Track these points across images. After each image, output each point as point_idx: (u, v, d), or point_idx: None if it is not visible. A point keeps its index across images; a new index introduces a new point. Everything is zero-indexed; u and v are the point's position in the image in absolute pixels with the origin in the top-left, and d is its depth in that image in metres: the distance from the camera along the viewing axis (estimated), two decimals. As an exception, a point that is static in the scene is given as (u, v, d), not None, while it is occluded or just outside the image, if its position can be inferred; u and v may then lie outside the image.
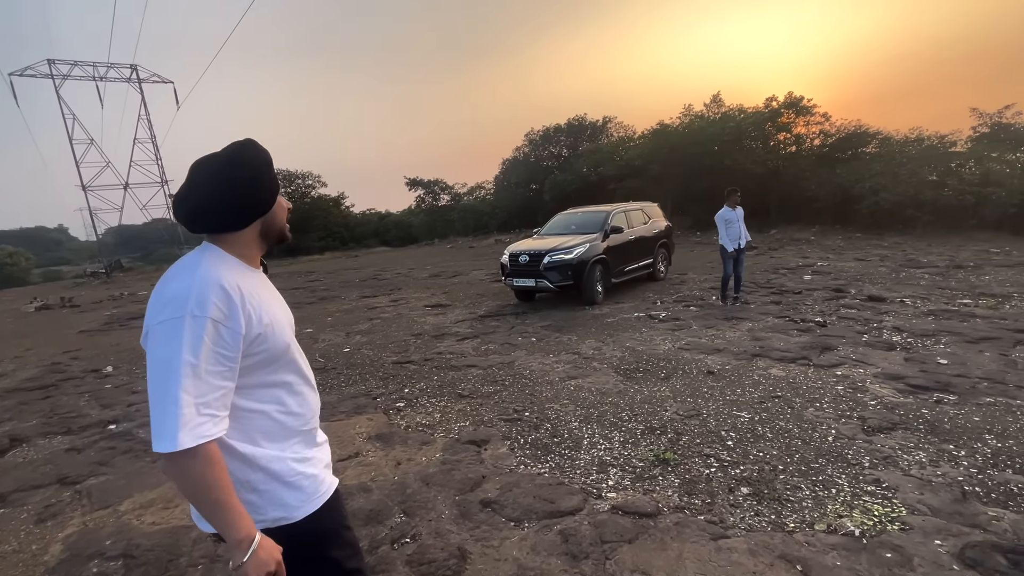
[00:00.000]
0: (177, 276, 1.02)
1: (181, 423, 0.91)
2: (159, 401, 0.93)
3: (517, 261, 7.89)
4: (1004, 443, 3.03)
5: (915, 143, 16.52)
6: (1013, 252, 10.70)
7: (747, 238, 7.27)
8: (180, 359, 0.93)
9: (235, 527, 0.97)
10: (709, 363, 4.79)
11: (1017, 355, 4.36)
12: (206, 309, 0.96)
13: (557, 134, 25.73)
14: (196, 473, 0.93)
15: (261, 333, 1.05)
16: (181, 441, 0.91)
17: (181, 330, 0.94)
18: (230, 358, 1.00)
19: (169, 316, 0.95)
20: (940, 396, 3.70)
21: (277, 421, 1.12)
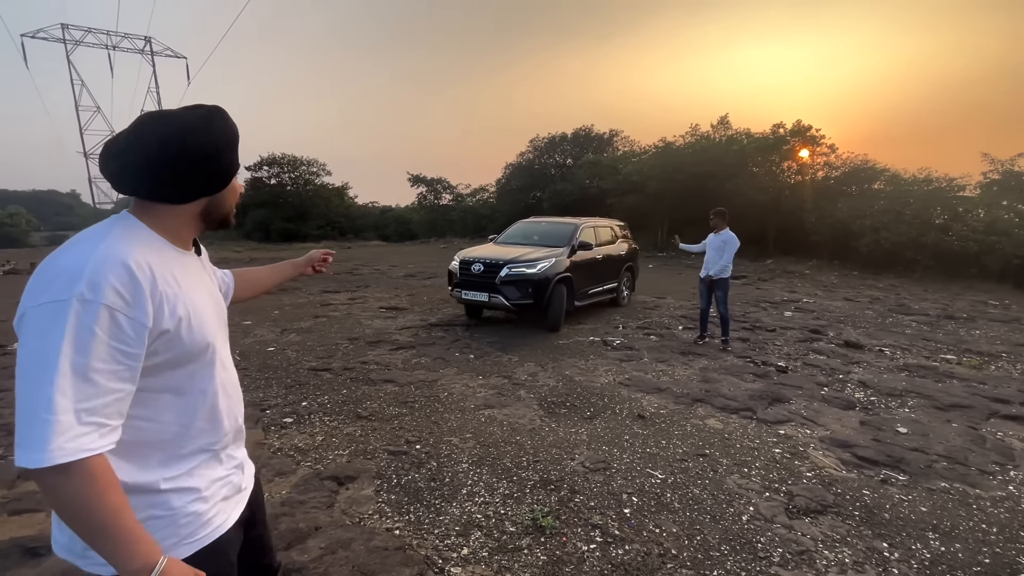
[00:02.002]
0: (72, 248, 0.81)
1: (54, 432, 0.72)
2: (27, 405, 0.73)
3: (469, 270, 6.63)
4: (949, 547, 2.50)
5: (923, 183, 15.94)
6: (1012, 306, 10.12)
7: (725, 274, 6.04)
8: (59, 354, 0.73)
9: (127, 556, 0.77)
10: (644, 404, 4.28)
11: (988, 430, 3.83)
12: (100, 293, 0.76)
13: (562, 143, 25.29)
14: (71, 493, 0.74)
15: (170, 330, 0.86)
16: (51, 455, 0.72)
17: (64, 317, 0.74)
18: (130, 355, 0.80)
19: (51, 298, 0.75)
20: (888, 475, 3.18)
21: (175, 436, 0.92)
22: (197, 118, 0.89)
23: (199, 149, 0.88)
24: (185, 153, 0.87)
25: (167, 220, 0.92)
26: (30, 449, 0.73)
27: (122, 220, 0.89)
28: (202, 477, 0.97)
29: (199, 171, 0.90)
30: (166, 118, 0.88)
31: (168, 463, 0.92)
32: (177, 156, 0.86)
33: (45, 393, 0.73)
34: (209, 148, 0.89)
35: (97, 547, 0.78)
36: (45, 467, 0.73)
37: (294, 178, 34.48)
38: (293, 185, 34.09)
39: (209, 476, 0.99)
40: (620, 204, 20.22)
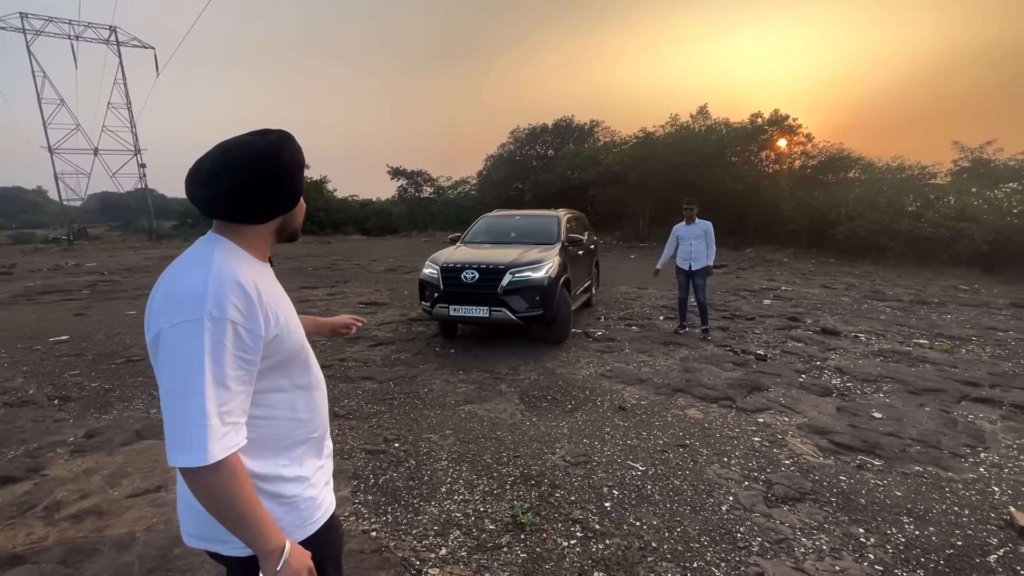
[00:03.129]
0: (189, 271, 0.92)
1: (208, 435, 0.84)
2: (179, 411, 0.85)
3: (459, 279, 5.32)
4: (923, 530, 2.54)
5: (895, 171, 16.26)
6: (981, 290, 10.39)
7: (702, 262, 6.04)
8: (202, 365, 0.85)
9: (263, 538, 0.91)
10: (625, 395, 4.27)
11: (959, 413, 3.90)
12: (224, 310, 0.88)
13: (543, 134, 25.14)
14: (220, 486, 0.86)
15: (278, 334, 0.97)
16: (209, 455, 0.84)
17: (200, 333, 0.85)
18: (250, 361, 0.92)
19: (185, 318, 0.86)
20: (864, 460, 3.21)
21: (285, 429, 1.03)
22: (273, 144, 0.96)
23: (278, 173, 0.96)
24: (268, 178, 0.96)
25: (250, 239, 1.01)
26: (187, 451, 0.84)
27: (217, 242, 0.98)
28: (309, 466, 1.09)
29: (278, 193, 0.99)
30: (247, 147, 0.95)
31: (281, 455, 1.03)
32: (262, 182, 0.95)
33: (196, 401, 0.84)
34: (285, 171, 0.98)
35: (240, 533, 0.90)
36: (204, 466, 0.84)
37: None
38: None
39: (313, 464, 1.10)
40: (602, 195, 20.24)
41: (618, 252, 17.12)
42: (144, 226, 35.43)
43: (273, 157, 0.96)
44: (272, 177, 0.96)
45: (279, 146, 0.97)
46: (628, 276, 11.53)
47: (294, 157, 1.00)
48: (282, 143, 0.98)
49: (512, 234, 6.63)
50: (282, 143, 0.98)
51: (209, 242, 0.98)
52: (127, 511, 2.63)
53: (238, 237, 1.00)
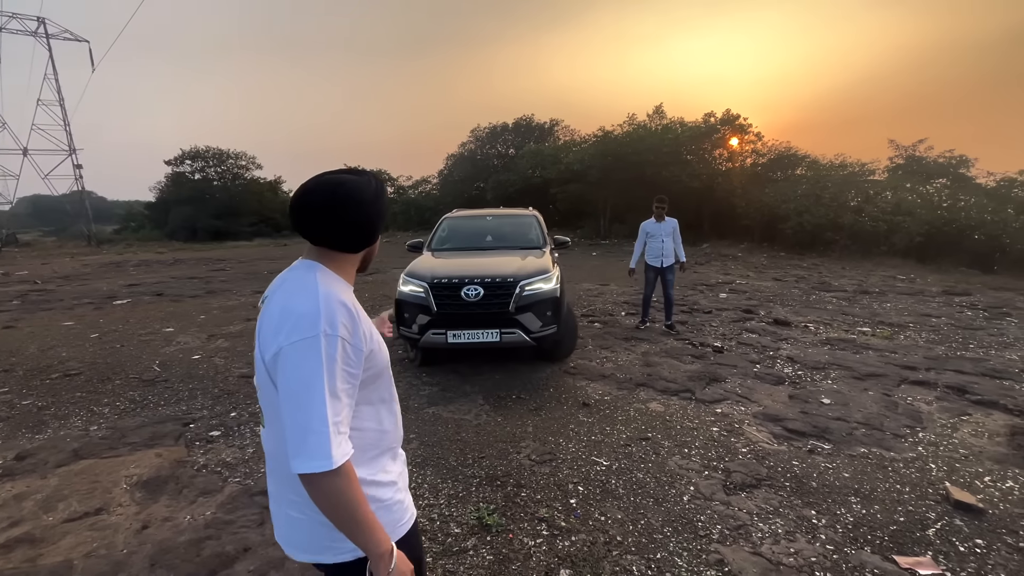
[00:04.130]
0: (300, 294, 1.01)
1: (331, 443, 0.91)
2: (303, 421, 0.91)
3: (459, 298, 4.38)
4: (868, 508, 2.67)
5: (838, 168, 17.13)
6: (917, 280, 11.08)
7: (672, 258, 6.09)
8: (321, 378, 0.93)
9: (376, 541, 0.97)
10: (589, 392, 4.31)
11: (899, 396, 4.14)
12: (336, 328, 0.97)
13: (504, 132, 25.18)
14: (340, 491, 0.92)
15: (373, 350, 1.06)
16: (333, 460, 0.90)
17: (318, 349, 0.94)
18: (354, 375, 1.00)
19: (303, 335, 0.95)
20: (815, 444, 3.36)
21: (373, 439, 1.11)
22: (375, 188, 1.09)
23: (378, 213, 1.09)
24: (372, 217, 1.08)
25: (344, 265, 1.11)
26: (313, 457, 0.90)
27: (315, 268, 1.07)
28: (393, 472, 1.16)
29: (373, 229, 1.10)
30: (358, 188, 1.05)
31: (372, 462, 1.10)
32: (368, 219, 1.07)
33: (318, 411, 0.91)
34: (383, 212, 1.11)
35: (356, 536, 0.96)
36: (328, 471, 0.90)
37: (221, 172, 32.40)
38: (220, 180, 32.04)
39: (396, 470, 1.18)
40: (564, 193, 20.44)
41: (580, 250, 17.32)
42: (82, 231, 33.26)
43: (376, 199, 1.08)
44: (374, 216, 1.08)
45: (380, 191, 1.10)
46: (590, 273, 11.69)
47: (384, 195, 1.12)
48: (381, 188, 1.11)
49: (488, 238, 5.94)
50: (381, 188, 1.11)
51: (309, 268, 1.07)
52: (63, 537, 2.45)
53: (333, 263, 1.09)
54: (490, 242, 5.84)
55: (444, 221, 6.40)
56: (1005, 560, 2.29)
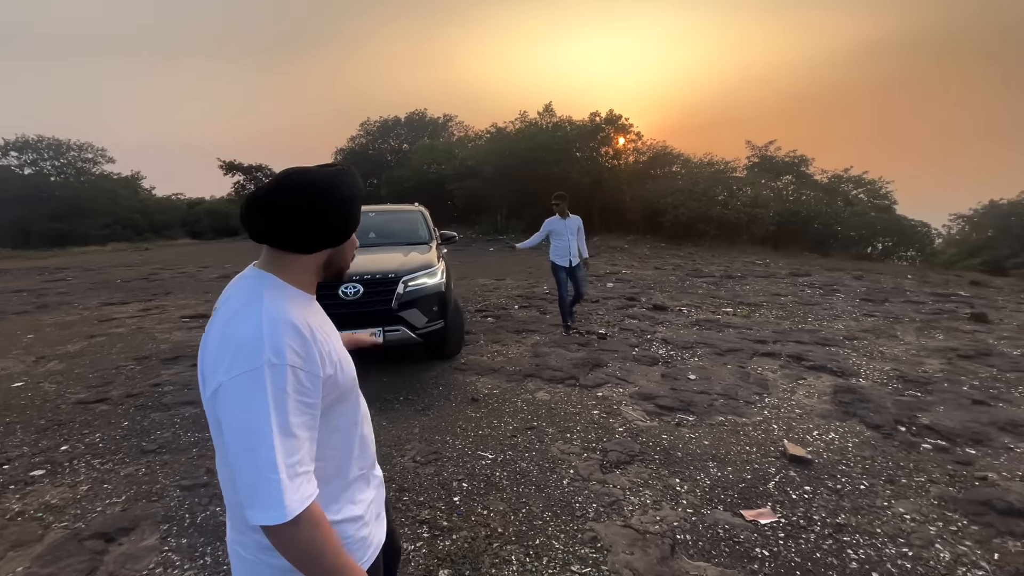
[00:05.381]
0: (241, 315, 0.86)
1: (283, 489, 0.79)
2: (250, 469, 0.79)
3: (333, 296, 4.21)
4: (723, 471, 2.96)
5: (707, 166, 18.99)
6: (770, 264, 12.63)
7: (579, 256, 5.82)
8: (268, 417, 0.80)
9: None
10: (479, 386, 4.32)
11: (751, 367, 4.67)
12: (283, 355, 0.83)
13: (396, 127, 24.46)
14: (305, 540, 0.81)
15: (333, 373, 0.92)
16: (288, 510, 0.79)
17: (261, 383, 0.81)
18: (312, 405, 0.87)
19: (244, 368, 0.81)
20: (681, 417, 3.66)
21: (338, 468, 0.98)
22: (331, 175, 0.94)
23: (331, 203, 0.92)
24: (321, 207, 0.91)
25: (297, 272, 0.96)
26: (266, 508, 0.79)
27: (263, 279, 0.93)
28: (361, 503, 1.04)
29: (329, 224, 0.94)
30: (305, 175, 0.92)
31: (337, 495, 0.98)
32: (313, 210, 0.91)
33: (266, 456, 0.79)
34: (339, 203, 0.94)
35: None
36: (285, 522, 0.79)
37: (60, 167, 27.83)
38: (60, 175, 27.51)
39: (366, 500, 1.06)
40: (460, 189, 20.37)
41: (478, 246, 17.41)
42: None
43: (328, 186, 0.92)
44: (325, 207, 0.92)
45: (337, 177, 0.94)
46: (487, 269, 11.78)
47: (351, 190, 0.97)
48: (341, 175, 0.96)
49: (371, 234, 5.73)
50: (341, 175, 0.96)
51: (257, 279, 0.93)
52: None
53: (284, 270, 0.95)
54: (374, 239, 5.64)
55: None
56: (825, 501, 2.66)
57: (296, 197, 0.90)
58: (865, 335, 5.79)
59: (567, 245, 5.74)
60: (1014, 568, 2.16)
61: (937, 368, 4.66)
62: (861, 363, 4.80)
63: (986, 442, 3.26)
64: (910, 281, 10.16)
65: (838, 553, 2.28)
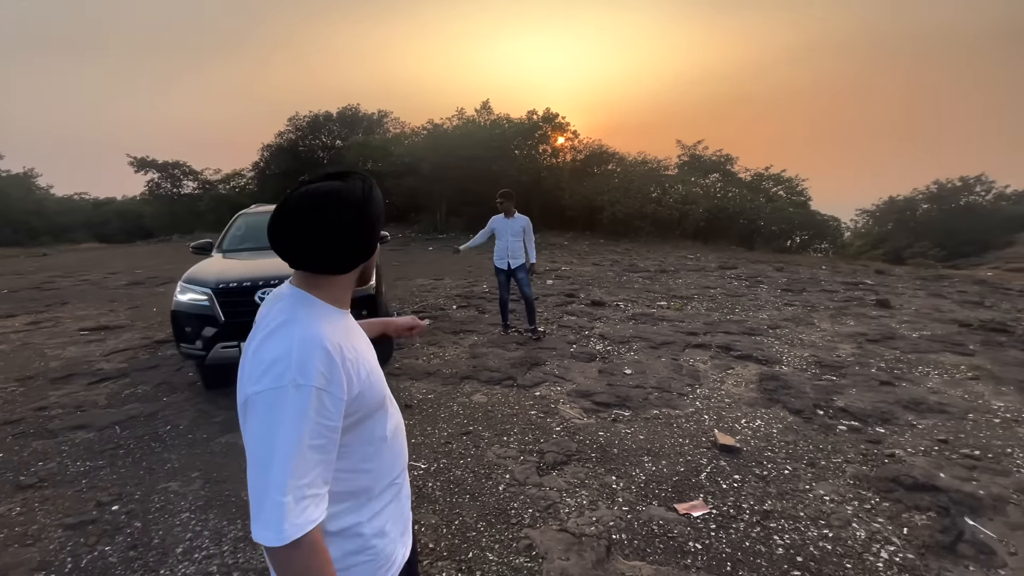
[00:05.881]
0: (277, 334, 0.88)
1: (286, 512, 0.79)
2: (260, 486, 0.80)
3: (250, 303, 3.81)
4: (657, 465, 2.97)
5: (641, 164, 19.59)
6: (701, 258, 13.19)
7: (520, 259, 5.48)
8: (284, 437, 0.81)
9: None
10: (413, 392, 4.13)
11: (684, 359, 4.79)
12: (309, 377, 0.83)
13: (328, 122, 23.40)
14: (302, 565, 0.81)
15: (361, 391, 0.92)
16: (287, 534, 0.79)
17: (283, 402, 0.81)
18: (332, 428, 0.86)
19: (269, 386, 0.82)
20: (618, 413, 3.67)
21: (369, 481, 0.98)
22: (361, 192, 0.92)
23: (368, 222, 0.93)
24: (359, 228, 0.92)
25: (335, 290, 0.96)
26: (266, 527, 0.79)
27: (301, 301, 0.93)
28: (389, 515, 1.03)
29: (365, 242, 0.95)
30: (336, 196, 0.90)
31: (365, 506, 0.98)
32: (354, 233, 0.91)
33: (276, 477, 0.79)
34: (375, 219, 0.95)
35: None
36: (278, 546, 0.79)
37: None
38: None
39: (395, 512, 1.05)
40: (398, 187, 19.81)
41: (417, 245, 17.01)
42: None
43: (363, 206, 0.92)
44: (363, 226, 0.92)
45: (367, 194, 0.94)
46: (425, 269, 11.50)
47: (380, 203, 0.97)
48: (369, 190, 0.95)
49: None
50: (369, 190, 0.95)
51: (292, 299, 0.93)
52: None
53: (320, 289, 0.95)
54: None
55: (239, 218, 5.63)
56: (753, 488, 2.72)
57: (336, 224, 0.89)
58: (786, 323, 6.12)
59: (504, 247, 5.48)
60: (921, 541, 2.29)
61: (849, 352, 4.99)
62: (783, 351, 5.04)
63: (893, 421, 3.49)
64: (824, 272, 10.92)
65: (765, 540, 2.32)
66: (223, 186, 26.57)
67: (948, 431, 3.36)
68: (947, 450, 3.12)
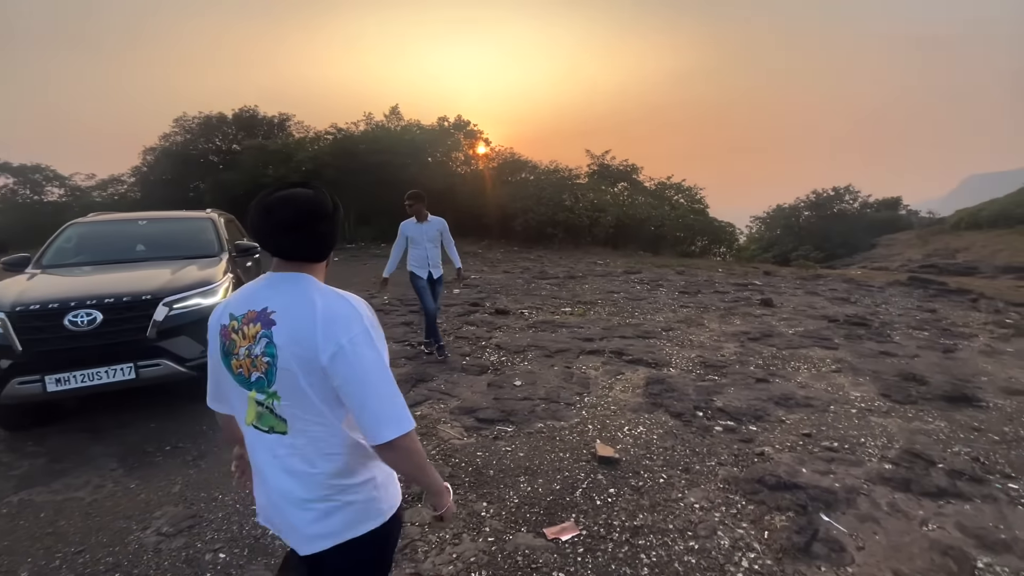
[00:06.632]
0: (332, 300, 1.11)
1: (406, 408, 1.09)
2: (387, 395, 1.07)
3: (57, 327, 3.26)
4: (533, 485, 2.79)
5: (554, 173, 19.95)
6: (611, 263, 13.56)
7: (441, 268, 5.03)
8: (384, 360, 1.10)
9: (439, 480, 1.22)
10: (277, 420, 3.67)
11: (577, 367, 4.71)
12: (373, 320, 1.13)
13: (222, 125, 21.56)
14: (416, 446, 1.11)
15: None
16: (412, 420, 1.09)
17: (372, 339, 1.09)
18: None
19: (359, 330, 1.07)
20: (500, 429, 3.46)
21: None
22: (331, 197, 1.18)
23: (339, 220, 1.21)
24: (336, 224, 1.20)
25: (319, 273, 1.20)
26: (401, 421, 1.07)
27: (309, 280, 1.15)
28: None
29: (336, 234, 1.22)
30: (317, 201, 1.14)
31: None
32: (334, 225, 1.19)
33: (391, 387, 1.09)
34: (340, 216, 1.22)
35: (427, 479, 1.18)
36: (412, 429, 1.09)
37: None
38: None
39: None
40: (302, 195, 18.64)
41: (324, 255, 16.08)
42: None
43: (334, 209, 1.18)
44: (336, 223, 1.19)
45: (332, 199, 1.18)
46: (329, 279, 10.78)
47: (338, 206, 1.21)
48: (330, 195, 1.19)
49: (139, 247, 4.66)
50: (330, 195, 1.19)
51: (305, 282, 1.14)
52: None
53: (315, 272, 1.18)
54: (142, 252, 4.58)
55: (68, 228, 4.85)
56: (627, 503, 2.61)
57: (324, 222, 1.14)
58: (679, 325, 6.30)
59: (423, 255, 4.87)
60: (779, 545, 2.27)
61: (732, 352, 5.18)
62: (673, 353, 5.14)
63: (764, 418, 3.58)
64: (720, 274, 11.60)
65: (632, 560, 2.19)
66: (98, 193, 23.61)
67: (812, 424, 3.49)
68: (810, 444, 3.22)
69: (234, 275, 4.41)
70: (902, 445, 3.18)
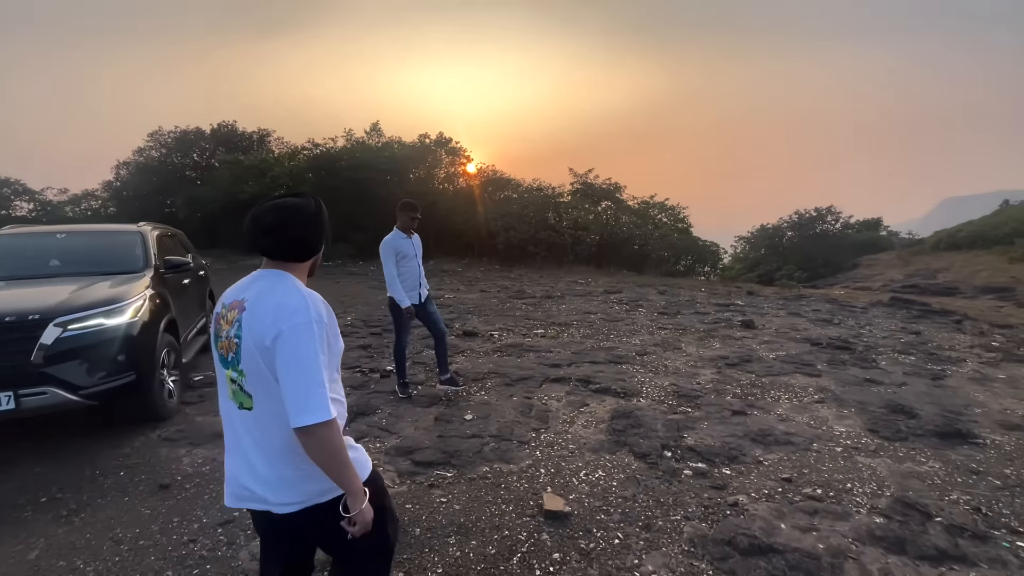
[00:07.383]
0: (290, 293, 1.25)
1: (327, 399, 1.18)
2: (305, 384, 1.17)
3: None
4: (464, 548, 2.34)
5: (537, 191, 19.75)
6: (592, 283, 13.22)
7: (426, 286, 4.48)
8: (317, 352, 1.20)
9: (357, 480, 1.26)
10: (184, 464, 3.19)
11: (538, 397, 4.28)
12: (321, 316, 1.25)
13: (199, 139, 21.13)
14: (334, 439, 1.19)
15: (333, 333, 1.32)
16: (330, 412, 1.17)
17: (311, 331, 1.20)
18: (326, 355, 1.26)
19: (301, 320, 1.20)
20: (439, 474, 3.02)
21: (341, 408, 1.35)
22: (316, 203, 1.35)
23: (323, 224, 1.37)
24: (317, 227, 1.36)
25: (299, 272, 1.36)
26: (315, 410, 1.16)
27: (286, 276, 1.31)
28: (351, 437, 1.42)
29: (319, 238, 1.38)
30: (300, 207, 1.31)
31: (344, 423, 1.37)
32: (315, 230, 1.35)
33: (316, 376, 1.18)
34: (325, 222, 1.38)
35: (343, 476, 1.23)
36: (327, 420, 1.17)
37: None
38: None
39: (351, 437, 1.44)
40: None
41: (298, 273, 15.58)
42: None
43: (318, 212, 1.35)
44: (319, 227, 1.36)
45: (319, 205, 1.36)
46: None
47: (324, 211, 1.38)
48: (319, 203, 1.37)
49: (54, 262, 4.34)
50: (319, 203, 1.37)
51: (281, 276, 1.30)
52: None
53: (295, 271, 1.34)
54: (57, 267, 4.22)
55: None
56: (572, 572, 2.18)
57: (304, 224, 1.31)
58: (655, 349, 5.91)
59: (416, 271, 4.25)
60: (749, 634, 1.85)
61: (708, 379, 4.79)
62: (645, 380, 4.74)
63: (740, 458, 3.18)
64: (702, 294, 11.30)
65: (569, 656, 1.75)
66: (71, 208, 22.93)
67: (793, 466, 3.10)
68: (790, 491, 2.82)
69: (159, 293, 4.05)
70: (894, 492, 2.80)
